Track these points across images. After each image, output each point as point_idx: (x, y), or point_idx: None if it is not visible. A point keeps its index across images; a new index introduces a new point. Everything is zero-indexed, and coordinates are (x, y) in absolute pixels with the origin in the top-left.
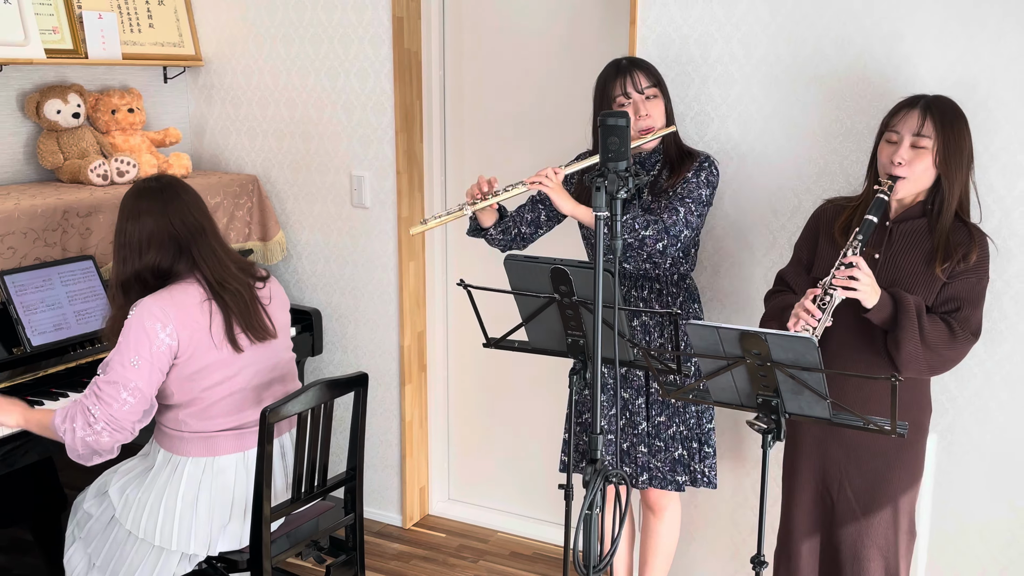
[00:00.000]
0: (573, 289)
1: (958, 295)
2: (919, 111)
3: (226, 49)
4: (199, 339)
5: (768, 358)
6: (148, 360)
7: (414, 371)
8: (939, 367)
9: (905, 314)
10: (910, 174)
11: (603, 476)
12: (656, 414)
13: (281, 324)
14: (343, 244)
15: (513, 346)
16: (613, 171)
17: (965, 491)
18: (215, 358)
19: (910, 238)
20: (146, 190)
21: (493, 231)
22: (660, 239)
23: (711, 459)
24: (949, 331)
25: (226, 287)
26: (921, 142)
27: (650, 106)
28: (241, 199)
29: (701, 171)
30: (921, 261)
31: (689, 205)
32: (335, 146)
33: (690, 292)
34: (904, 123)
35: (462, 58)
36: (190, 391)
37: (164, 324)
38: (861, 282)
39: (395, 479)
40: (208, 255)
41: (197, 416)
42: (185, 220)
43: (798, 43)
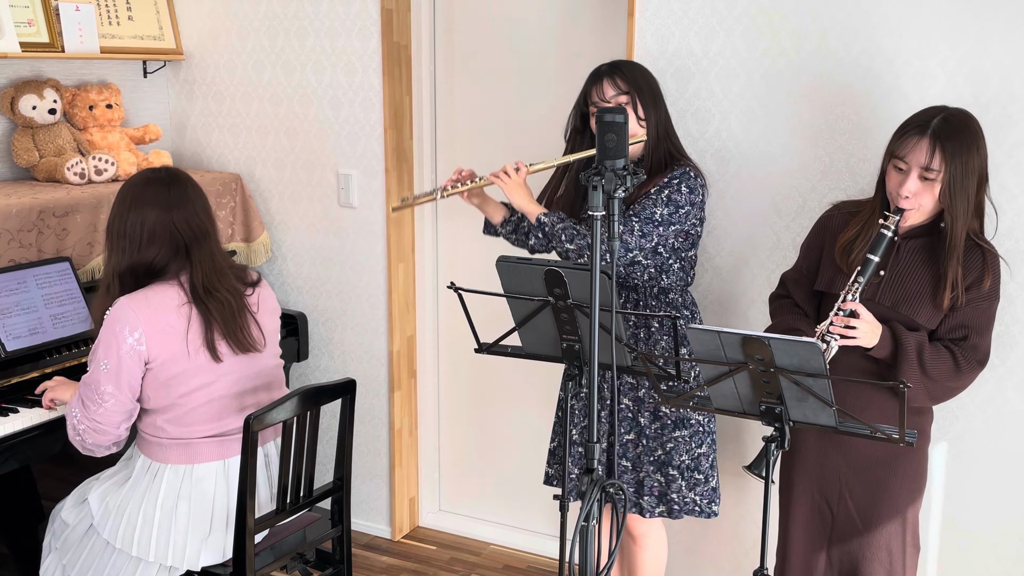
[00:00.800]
0: (568, 292)
1: (966, 323)
2: (928, 142)
3: (208, 42)
4: (172, 345)
5: (772, 364)
6: (116, 365)
7: (403, 377)
8: (941, 397)
9: (904, 356)
10: (917, 205)
11: (600, 487)
12: (624, 432)
13: (270, 330)
14: (330, 245)
15: (506, 351)
16: (610, 169)
17: (976, 503)
18: (191, 364)
19: (918, 255)
20: (153, 181)
21: (502, 229)
22: (581, 255)
23: (703, 486)
24: (953, 363)
25: (213, 294)
26: (930, 175)
27: None
28: (224, 198)
29: (665, 188)
30: (927, 282)
31: (632, 224)
32: (321, 143)
33: (675, 308)
34: (912, 154)
35: (454, 52)
36: (166, 396)
37: (133, 328)
38: (859, 330)
39: (384, 489)
40: (206, 260)
41: (175, 422)
42: (190, 221)
43: (802, 36)
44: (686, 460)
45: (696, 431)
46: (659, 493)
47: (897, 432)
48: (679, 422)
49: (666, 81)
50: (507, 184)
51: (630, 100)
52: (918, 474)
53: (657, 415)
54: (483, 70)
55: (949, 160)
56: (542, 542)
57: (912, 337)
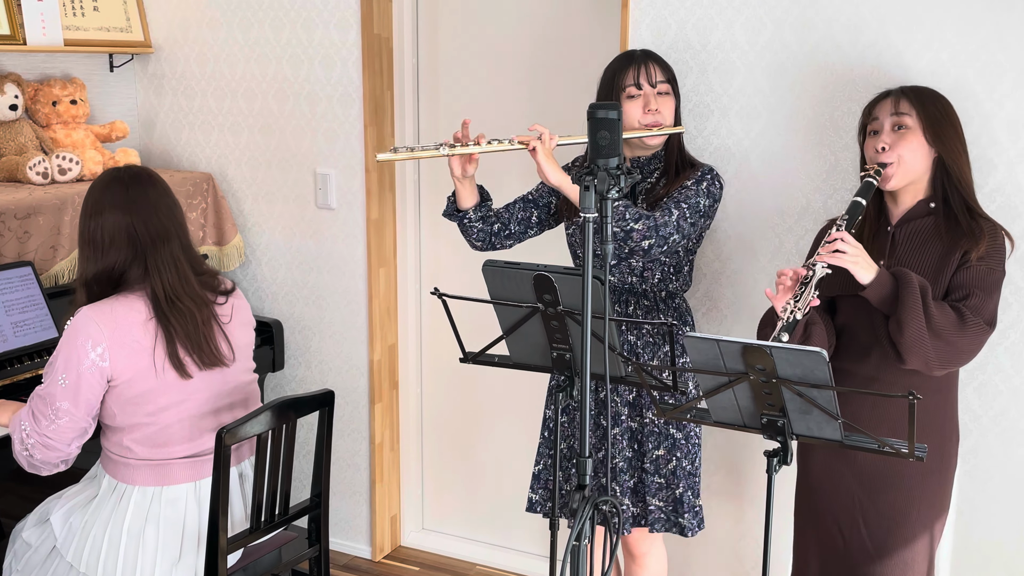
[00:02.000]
0: (558, 298)
1: (966, 282)
2: (893, 95)
3: (178, 35)
4: (139, 362)
5: (774, 374)
6: (75, 381)
7: (385, 388)
8: (950, 358)
9: (907, 289)
10: (897, 158)
11: (592, 503)
12: (653, 447)
13: (241, 344)
14: (307, 249)
15: (493, 361)
16: (603, 168)
17: (990, 520)
18: (159, 383)
19: (916, 240)
20: (112, 181)
21: (472, 215)
22: (649, 236)
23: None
24: (958, 316)
25: (176, 305)
26: (902, 121)
27: (661, 102)
28: (194, 199)
29: (702, 180)
30: (930, 265)
31: (684, 210)
32: (298, 141)
33: (680, 313)
34: (881, 109)
35: (438, 45)
36: (133, 415)
37: (96, 343)
38: (847, 252)
39: (364, 507)
40: (166, 266)
41: (146, 443)
42: (148, 222)
43: (806, 28)
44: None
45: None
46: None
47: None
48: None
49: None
50: (544, 153)
51: (671, 91)
52: (940, 499)
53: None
54: (469, 63)
55: (919, 103)
56: (531, 563)
57: (916, 276)
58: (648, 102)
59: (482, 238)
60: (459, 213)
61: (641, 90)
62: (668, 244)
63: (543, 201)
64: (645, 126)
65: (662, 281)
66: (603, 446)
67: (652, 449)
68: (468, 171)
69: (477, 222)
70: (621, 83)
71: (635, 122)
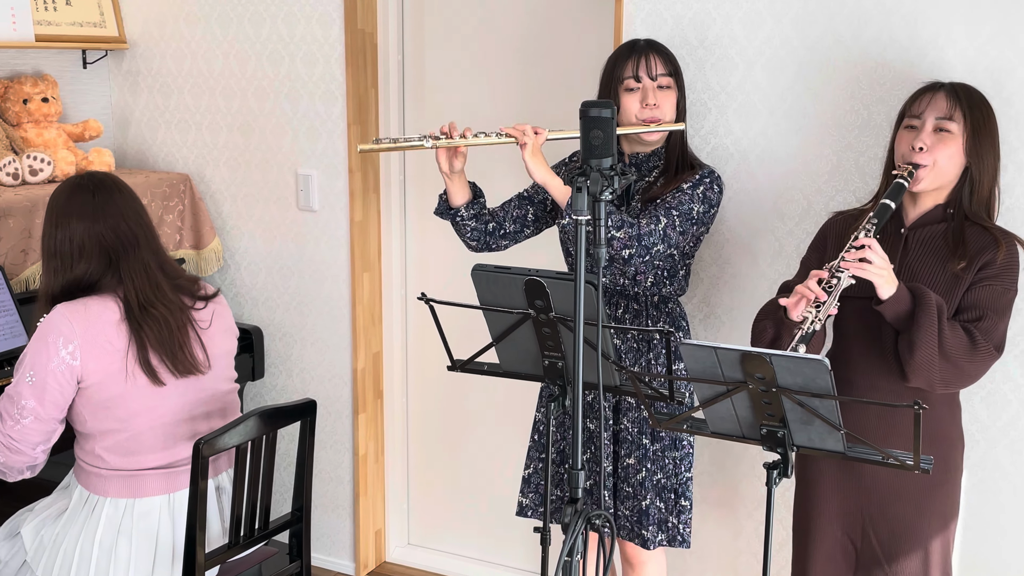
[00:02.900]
0: (551, 304)
1: (980, 303)
2: (944, 92)
3: (154, 30)
4: (111, 363)
5: (773, 383)
6: (43, 379)
7: (369, 398)
8: (953, 380)
9: (924, 311)
10: (933, 161)
11: (584, 517)
12: (624, 455)
13: (220, 352)
14: (288, 252)
15: (482, 369)
16: (596, 169)
17: (999, 535)
18: (131, 387)
19: (928, 245)
20: (77, 189)
21: (464, 212)
22: (630, 246)
23: (687, 514)
24: (970, 340)
25: (149, 311)
26: (947, 125)
27: (661, 96)
28: (171, 201)
29: (699, 184)
30: (941, 271)
31: (673, 217)
32: (278, 141)
33: (673, 318)
34: (929, 106)
35: (424, 40)
36: (104, 420)
37: (67, 340)
38: (875, 264)
39: (347, 521)
40: (137, 272)
41: (117, 451)
42: (117, 228)
43: (808, 23)
44: (675, 484)
45: (686, 453)
46: (659, 520)
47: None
48: (673, 443)
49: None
50: (531, 148)
51: (674, 85)
52: (949, 509)
53: (657, 436)
54: (457, 60)
55: (968, 112)
56: None
57: (934, 295)
58: (647, 96)
59: (476, 237)
60: (451, 211)
61: (640, 83)
62: (651, 255)
63: (538, 198)
64: (642, 121)
65: (655, 285)
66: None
67: (624, 456)
68: (455, 166)
69: (470, 220)
70: (620, 74)
71: (632, 116)
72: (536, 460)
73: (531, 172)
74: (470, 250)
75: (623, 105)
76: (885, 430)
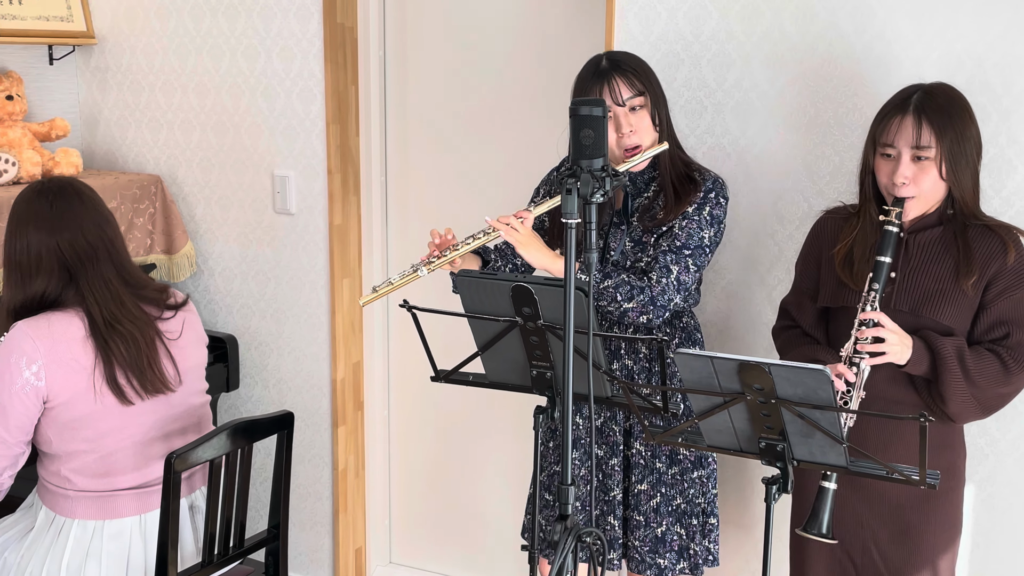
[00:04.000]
0: (539, 311)
1: (1004, 318)
2: (912, 118)
3: (124, 24)
4: (77, 382)
5: (772, 394)
6: (6, 402)
7: (349, 410)
8: (995, 405)
9: (945, 366)
10: (918, 192)
11: (575, 535)
12: (636, 480)
13: (192, 364)
14: (263, 257)
15: (467, 380)
16: (587, 170)
17: (1010, 552)
18: (99, 406)
19: (930, 250)
20: (36, 196)
21: None
22: (645, 312)
23: (715, 531)
24: (1001, 365)
25: (116, 328)
26: (922, 153)
27: (635, 119)
28: (141, 204)
29: (705, 205)
30: (946, 277)
31: (685, 260)
32: (254, 141)
33: (688, 332)
34: (900, 135)
35: (406, 35)
36: (71, 441)
37: (31, 360)
38: (888, 342)
39: (326, 539)
40: (98, 288)
41: (86, 473)
42: (75, 242)
43: (807, 17)
44: (703, 504)
45: (712, 470)
46: (679, 547)
47: (918, 473)
48: (698, 461)
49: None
50: (520, 239)
51: (646, 102)
52: (953, 519)
53: (675, 458)
54: (441, 55)
55: (940, 133)
56: None
57: (949, 343)
58: (620, 124)
59: None
60: None
61: (610, 112)
62: (669, 310)
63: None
64: (624, 151)
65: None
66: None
67: (635, 483)
68: (457, 265)
69: None
70: None
71: (614, 148)
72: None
73: (529, 262)
74: None
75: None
76: (885, 439)
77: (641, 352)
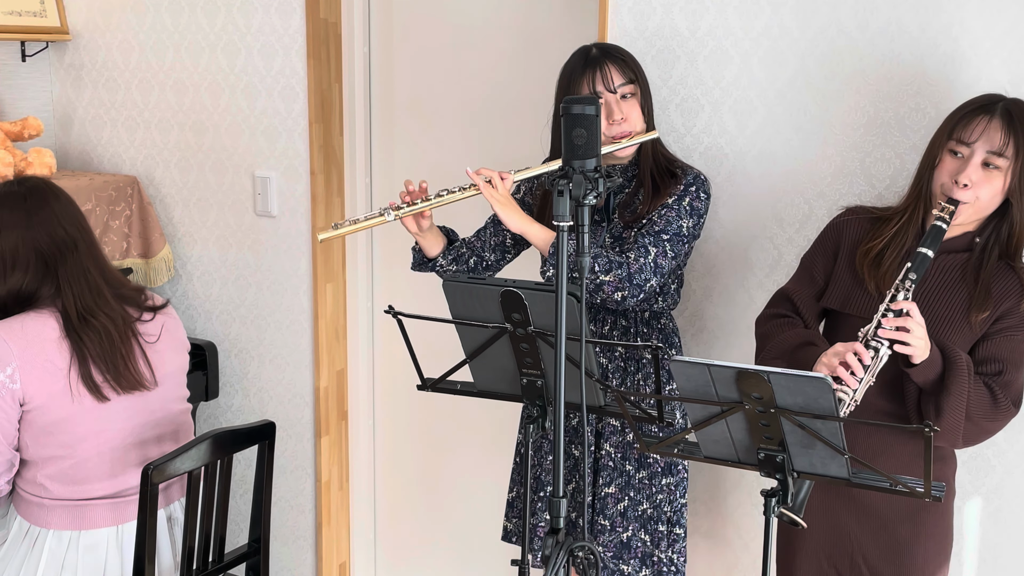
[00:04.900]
0: (529, 317)
1: (1001, 356)
2: (1000, 121)
3: (99, 20)
4: (53, 384)
5: (772, 403)
6: None
7: (332, 419)
8: (972, 439)
9: (956, 378)
10: (974, 198)
11: (567, 549)
12: (604, 483)
13: (171, 369)
14: (244, 262)
15: (455, 389)
16: (579, 171)
17: (1020, 567)
18: (76, 408)
19: (950, 275)
20: (7, 196)
21: (443, 260)
22: (621, 288)
23: (681, 543)
24: (992, 399)
25: (90, 321)
26: (997, 161)
27: (626, 107)
28: (117, 206)
29: (685, 196)
30: (957, 306)
31: (663, 244)
32: (234, 140)
33: (665, 335)
34: (982, 135)
35: (392, 31)
36: (46, 446)
37: (5, 363)
38: (914, 333)
39: (309, 553)
40: (76, 278)
41: (61, 479)
42: (53, 234)
43: (809, 12)
44: (669, 513)
45: (682, 478)
46: (643, 554)
47: (922, 484)
48: (668, 468)
49: (646, 66)
50: (497, 198)
51: (637, 91)
52: (945, 533)
53: (644, 462)
54: (429, 52)
55: (1020, 145)
56: None
57: (964, 356)
58: (611, 111)
59: None
60: (429, 263)
61: (601, 98)
62: (644, 292)
63: None
64: (612, 138)
65: (645, 300)
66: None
67: (603, 486)
68: (423, 225)
69: (450, 266)
70: (577, 90)
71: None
72: (518, 483)
73: (505, 222)
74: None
75: None
76: (875, 449)
77: (616, 351)
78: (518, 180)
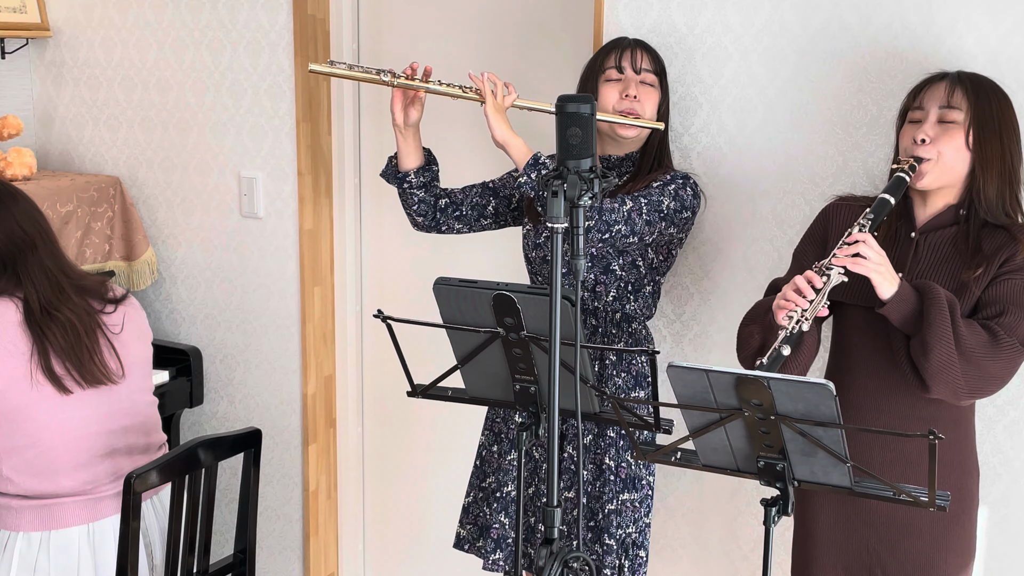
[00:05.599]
0: (522, 322)
1: (1001, 297)
2: (947, 81)
3: (80, 16)
4: (15, 368)
5: (772, 410)
6: None
7: (320, 426)
8: (980, 385)
9: (934, 305)
10: (936, 154)
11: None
12: (564, 487)
13: (135, 360)
14: (230, 264)
15: (446, 395)
16: (574, 171)
17: None
18: (36, 396)
19: (940, 251)
20: None
21: (413, 178)
22: (589, 217)
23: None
24: (991, 337)
25: (54, 316)
26: (950, 115)
27: (643, 93)
28: (99, 207)
29: (670, 183)
30: (954, 282)
31: (640, 203)
32: (219, 140)
33: (637, 340)
34: (929, 96)
35: (381, 27)
36: (10, 434)
37: None
38: (871, 260)
39: (296, 564)
40: (38, 274)
41: (27, 471)
42: (11, 233)
43: (810, 8)
44: (632, 534)
45: (646, 495)
46: None
47: (926, 494)
48: (629, 481)
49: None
50: (496, 105)
51: (658, 86)
52: (966, 544)
53: (600, 468)
54: (419, 49)
55: (973, 98)
56: None
57: (941, 288)
58: (628, 87)
59: (424, 212)
60: (399, 175)
61: (623, 74)
62: (611, 234)
63: (504, 192)
64: (619, 112)
65: (617, 300)
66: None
67: (563, 490)
68: (411, 116)
69: (419, 190)
70: (602, 64)
71: (609, 107)
72: (477, 488)
73: (491, 128)
74: (415, 228)
75: (601, 96)
76: (892, 457)
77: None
78: (519, 105)
